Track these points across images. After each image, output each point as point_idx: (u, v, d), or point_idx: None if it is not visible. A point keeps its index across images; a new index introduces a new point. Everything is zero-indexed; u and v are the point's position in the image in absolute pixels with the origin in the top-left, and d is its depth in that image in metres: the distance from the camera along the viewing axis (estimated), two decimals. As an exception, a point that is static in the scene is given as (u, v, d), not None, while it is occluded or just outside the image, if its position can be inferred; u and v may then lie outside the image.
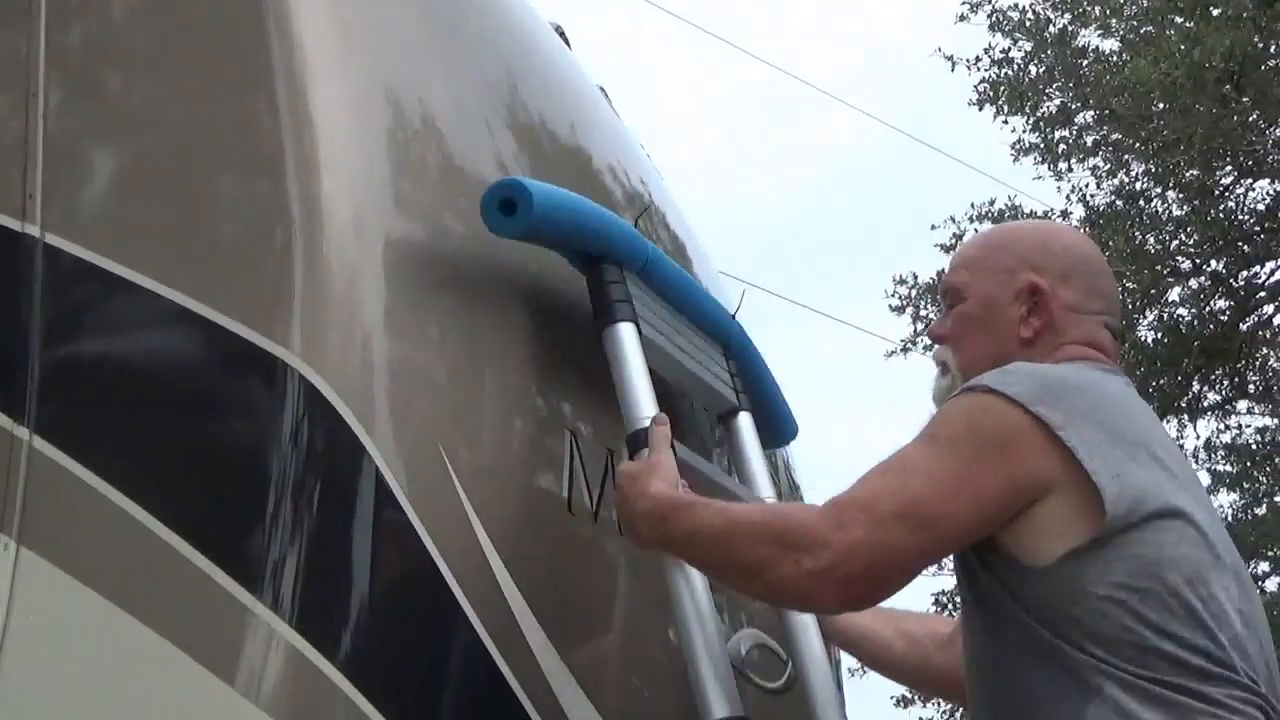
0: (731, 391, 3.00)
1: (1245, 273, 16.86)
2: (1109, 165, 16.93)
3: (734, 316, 3.12)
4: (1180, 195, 16.59)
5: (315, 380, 2.23)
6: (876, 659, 2.88)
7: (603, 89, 3.66)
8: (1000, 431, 2.17)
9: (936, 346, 2.56)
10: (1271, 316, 17.16)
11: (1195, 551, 2.20)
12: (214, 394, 2.30)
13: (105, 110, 2.49)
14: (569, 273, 2.71)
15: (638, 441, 2.51)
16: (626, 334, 2.59)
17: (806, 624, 2.78)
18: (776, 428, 3.21)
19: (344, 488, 2.25)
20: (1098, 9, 16.76)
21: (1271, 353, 17.38)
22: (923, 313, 17.29)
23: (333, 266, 2.31)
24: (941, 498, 2.15)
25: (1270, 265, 16.66)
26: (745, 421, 3.03)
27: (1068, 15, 16.92)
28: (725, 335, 3.07)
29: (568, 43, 3.61)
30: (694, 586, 2.42)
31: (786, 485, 3.67)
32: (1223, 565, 2.24)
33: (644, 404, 2.53)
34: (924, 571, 2.23)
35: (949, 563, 2.40)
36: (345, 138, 2.43)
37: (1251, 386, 17.52)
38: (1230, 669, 2.15)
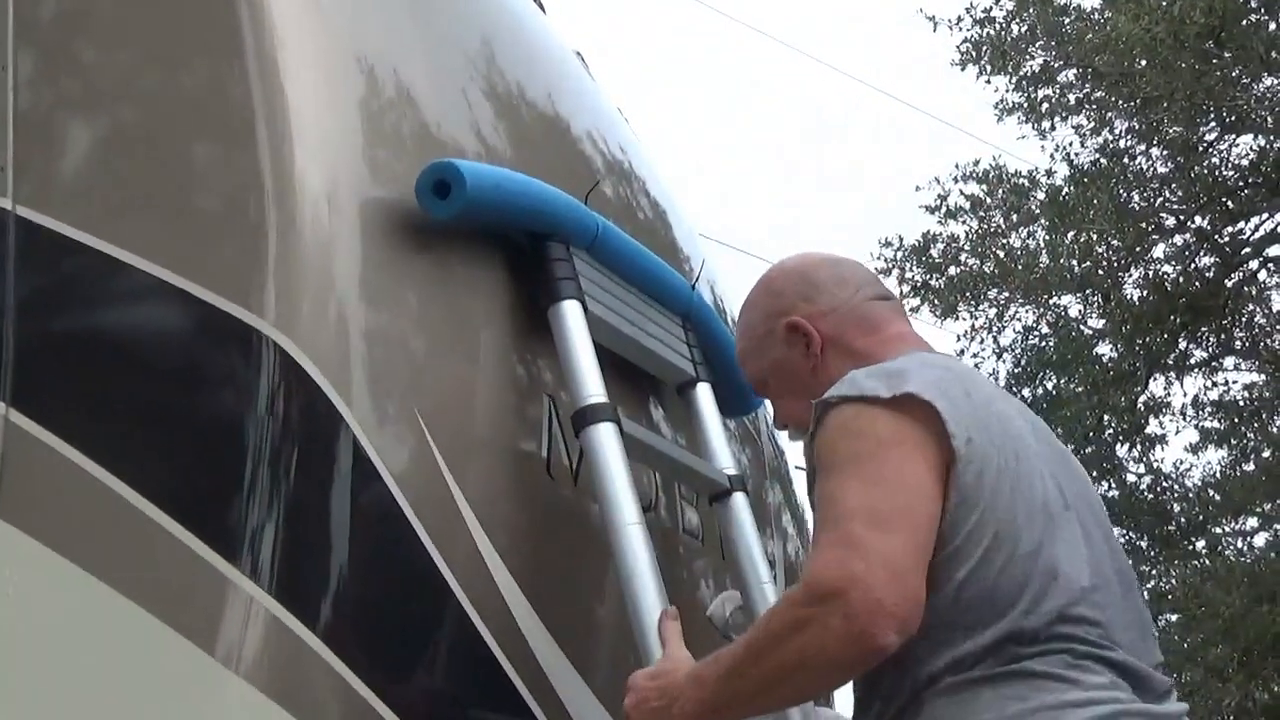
0: (689, 363, 3.00)
1: (1230, 228, 16.88)
2: (1092, 123, 16.94)
3: (693, 286, 3.11)
4: (1164, 152, 16.60)
5: (290, 349, 2.23)
6: None
7: (579, 54, 3.65)
8: (880, 421, 2.18)
9: (784, 431, 2.63)
10: (1257, 272, 17.19)
11: (1040, 513, 2.21)
12: (189, 364, 2.30)
13: (76, 82, 2.48)
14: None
15: (583, 419, 2.52)
16: (570, 312, 2.60)
17: (770, 596, 2.80)
18: (740, 396, 3.21)
19: (321, 455, 2.25)
20: (1079, -33, 16.75)
21: (1257, 308, 17.41)
22: (908, 274, 17.31)
23: (306, 236, 2.31)
24: (889, 492, 2.13)
25: (1255, 220, 16.69)
26: (703, 392, 3.03)
27: (1049, -27, 16.90)
28: (684, 306, 3.06)
29: (543, 8, 3.60)
30: (635, 547, 2.44)
31: (770, 451, 3.68)
32: (1068, 522, 2.25)
33: (589, 382, 2.54)
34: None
35: None
36: (318, 107, 2.43)
37: (1238, 343, 17.55)
38: (1068, 632, 2.16)
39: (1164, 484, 18.87)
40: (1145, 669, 2.23)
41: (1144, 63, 14.91)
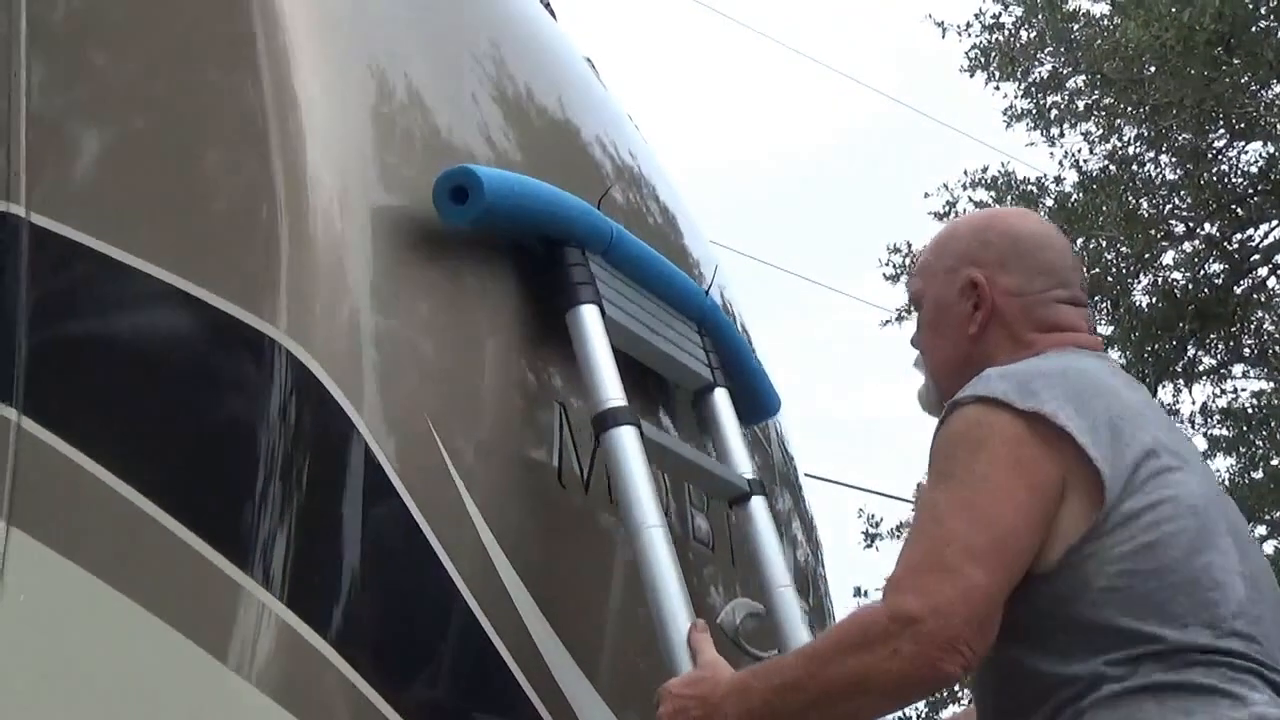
0: (706, 368, 2.99)
1: (1239, 235, 16.85)
2: (1101, 130, 16.90)
3: (707, 292, 3.10)
4: (1173, 159, 16.57)
5: (302, 356, 2.22)
6: None
7: (590, 60, 3.65)
8: (1000, 437, 2.15)
9: (916, 355, 2.58)
10: (1266, 279, 17.16)
11: (1191, 521, 2.18)
12: (201, 371, 2.29)
13: (88, 88, 2.48)
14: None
15: (604, 422, 2.51)
16: (589, 316, 2.59)
17: (789, 600, 2.79)
18: (757, 402, 3.20)
19: (333, 463, 2.25)
20: (1088, -28, 16.74)
21: (1266, 316, 17.38)
22: (917, 280, 17.25)
23: (318, 242, 2.31)
24: (989, 522, 2.10)
25: (1264, 228, 16.65)
26: (721, 397, 3.01)
27: (1058, -21, 16.89)
28: (699, 312, 3.05)
29: (553, 14, 3.60)
30: (657, 549, 2.43)
31: (780, 457, 3.68)
32: (1220, 530, 2.22)
33: (609, 385, 2.53)
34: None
35: None
36: (330, 112, 2.43)
37: (1247, 350, 17.51)
38: (1228, 647, 2.12)
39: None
40: None
41: (1153, 69, 14.89)
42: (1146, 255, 16.47)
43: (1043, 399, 2.16)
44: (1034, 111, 17.07)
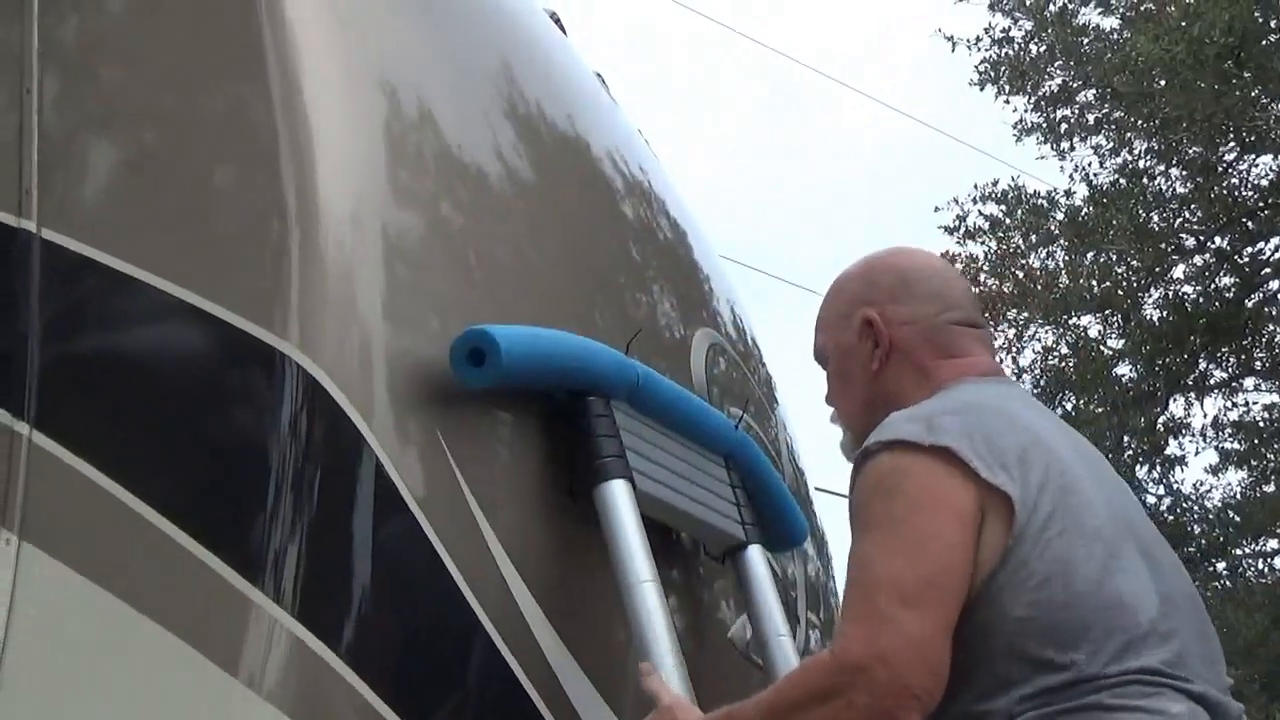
0: (738, 525, 2.93)
1: (1250, 249, 16.85)
2: (1111, 143, 16.92)
3: (736, 426, 3.05)
4: (1183, 172, 16.58)
5: (313, 371, 2.23)
6: None
7: (600, 76, 3.65)
8: (913, 478, 2.17)
9: (830, 409, 2.60)
10: (1277, 292, 17.14)
11: (1099, 546, 2.19)
12: (212, 386, 2.30)
13: (100, 104, 2.48)
14: (567, 258, 2.69)
15: (595, 476, 2.50)
16: (619, 494, 2.52)
17: (787, 649, 2.80)
18: (783, 531, 3.16)
19: (344, 477, 2.25)
20: (1098, -14, 16.75)
21: (1277, 329, 17.36)
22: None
23: (329, 257, 2.32)
24: (919, 562, 2.12)
25: (1275, 241, 16.65)
26: (755, 555, 2.95)
27: (1068, -7, 16.91)
28: (727, 445, 3.00)
29: (563, 29, 3.61)
30: (653, 612, 2.43)
31: (791, 473, 3.67)
32: (1128, 552, 2.23)
33: (639, 568, 2.47)
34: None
35: None
36: (341, 128, 2.43)
37: (1258, 363, 17.50)
38: (1141, 666, 2.13)
39: (1184, 505, 18.79)
40: (1220, 697, 2.20)
41: (1163, 83, 14.90)
42: (1157, 269, 16.48)
43: (947, 436, 2.18)
44: (1044, 125, 17.09)
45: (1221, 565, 19.13)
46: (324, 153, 2.37)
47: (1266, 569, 19.20)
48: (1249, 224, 16.46)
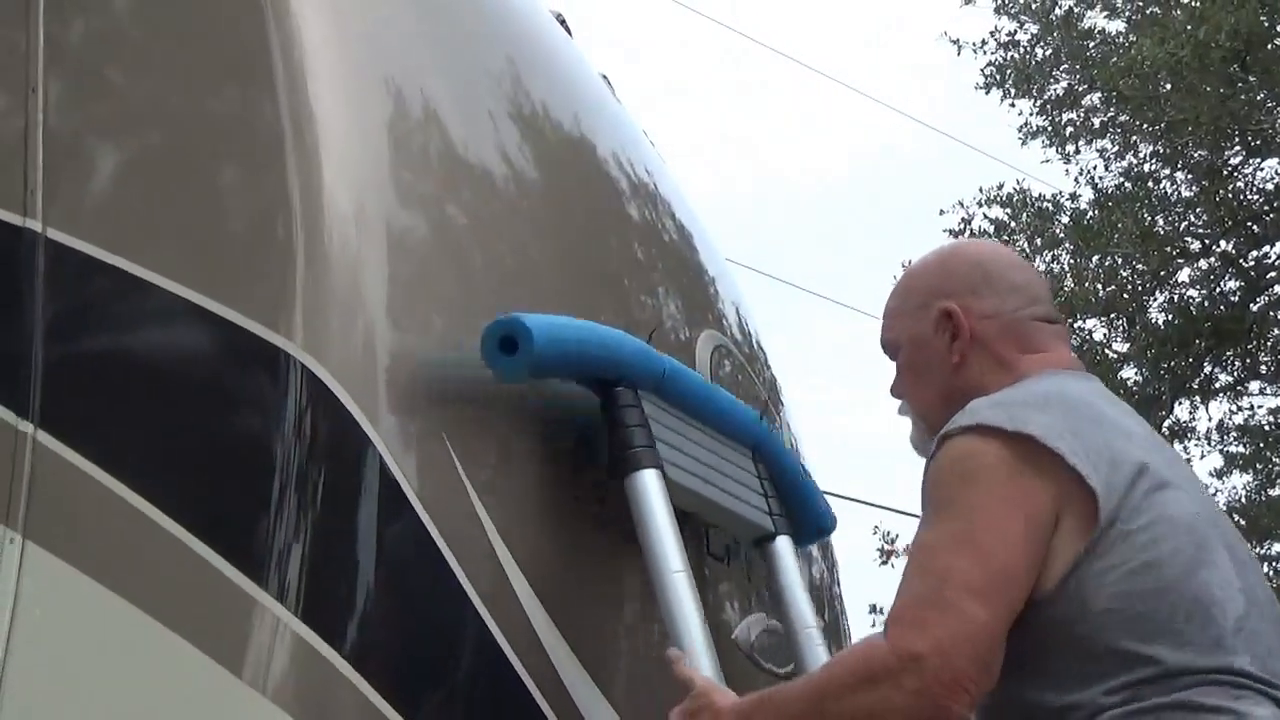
0: (766, 515, 2.92)
1: (1255, 253, 16.83)
2: (1117, 147, 16.91)
3: (761, 418, 3.05)
4: (1189, 176, 16.56)
5: (318, 371, 2.23)
6: None
7: (605, 77, 3.65)
8: (990, 467, 2.15)
9: (897, 401, 2.57)
10: (1282, 296, 17.13)
11: (1187, 539, 2.18)
12: (217, 386, 2.30)
13: (105, 104, 2.49)
14: (572, 259, 2.69)
15: (626, 465, 2.50)
16: (650, 483, 2.51)
17: (815, 641, 2.79)
18: (811, 522, 3.15)
19: (348, 477, 2.25)
20: (1103, -10, 16.74)
21: (1283, 333, 17.34)
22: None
23: (334, 257, 2.32)
24: (987, 556, 2.09)
25: (1280, 245, 16.63)
26: (783, 546, 2.94)
27: (1073, -3, 16.91)
28: (753, 437, 2.99)
29: (569, 30, 3.61)
30: (684, 600, 2.43)
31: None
32: (1216, 547, 2.21)
33: (671, 556, 2.47)
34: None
35: None
36: (346, 129, 2.43)
37: (1264, 367, 17.48)
38: (1229, 665, 2.12)
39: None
40: None
41: (1169, 86, 14.89)
42: (1162, 272, 16.46)
43: (1032, 422, 2.16)
44: (1049, 128, 17.08)
45: (1227, 568, 19.08)
46: (329, 153, 2.37)
47: (1272, 572, 19.19)
48: (1254, 228, 16.44)
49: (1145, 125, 16.07)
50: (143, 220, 2.38)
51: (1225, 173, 16.21)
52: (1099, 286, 16.44)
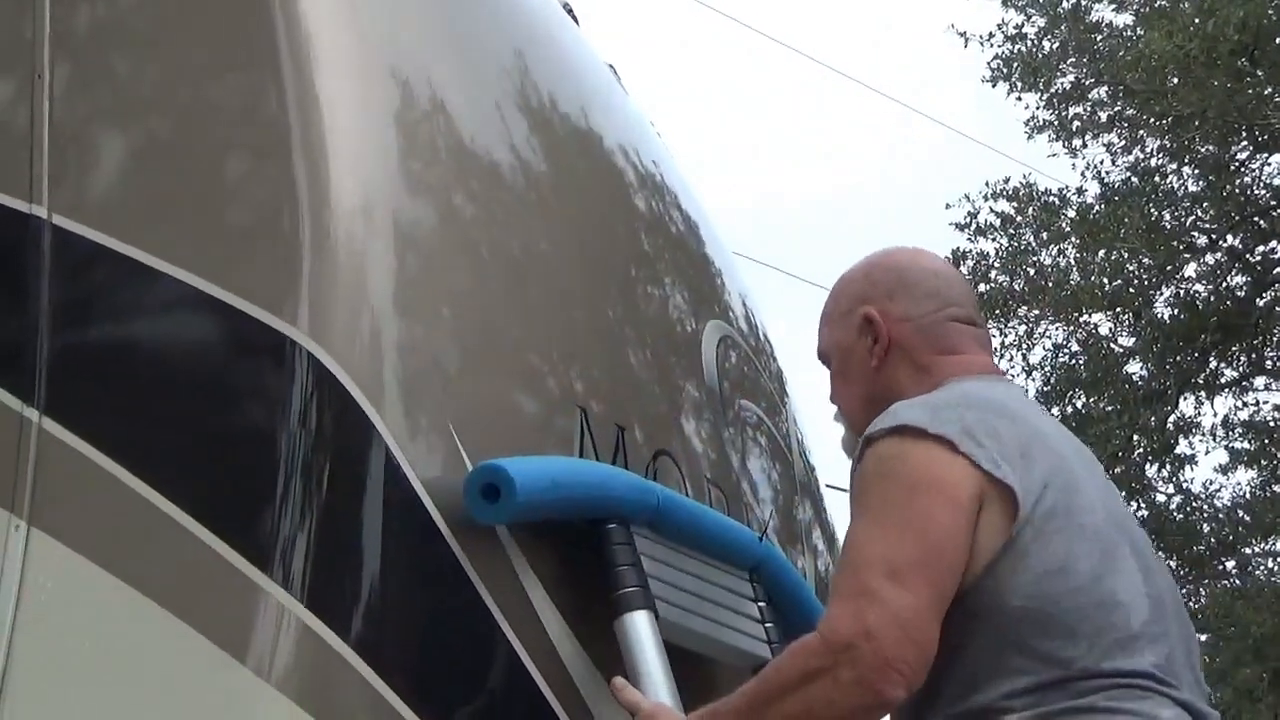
0: (764, 644, 2.85)
1: (1262, 248, 16.82)
2: (1124, 141, 16.90)
3: (760, 538, 3.00)
4: (1196, 170, 16.55)
5: (324, 359, 2.23)
6: None
7: (612, 68, 3.65)
8: (912, 462, 2.20)
9: (834, 407, 2.63)
10: (1288, 292, 17.10)
11: (1096, 544, 2.22)
12: (223, 374, 2.30)
13: (111, 92, 2.49)
14: (578, 249, 2.68)
15: (618, 606, 2.47)
16: (641, 625, 2.47)
17: None
18: None
19: (354, 466, 2.25)
20: (1111, -17, 16.71)
21: (1289, 328, 17.32)
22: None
23: (340, 246, 2.31)
24: (910, 542, 2.14)
25: (1287, 240, 16.60)
26: None
27: (1081, -10, 16.87)
28: (752, 559, 2.94)
29: (576, 21, 3.60)
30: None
31: (802, 468, 3.67)
32: (1123, 553, 2.26)
33: (662, 692, 2.42)
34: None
35: None
36: (352, 118, 2.43)
37: (1269, 362, 17.47)
38: (1133, 668, 2.16)
39: (1194, 504, 18.77)
40: (1203, 707, 2.23)
41: (1176, 80, 14.87)
42: (1168, 267, 16.45)
43: (949, 426, 2.21)
44: (1056, 123, 17.06)
45: (1231, 564, 19.11)
46: (335, 142, 2.37)
47: (1276, 568, 19.19)
48: (1261, 223, 16.43)
49: (1152, 119, 16.05)
50: (148, 207, 2.38)
51: (1232, 168, 16.20)
52: (1105, 281, 16.42)
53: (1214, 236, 16.70)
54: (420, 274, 2.45)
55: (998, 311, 17.19)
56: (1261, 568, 19.17)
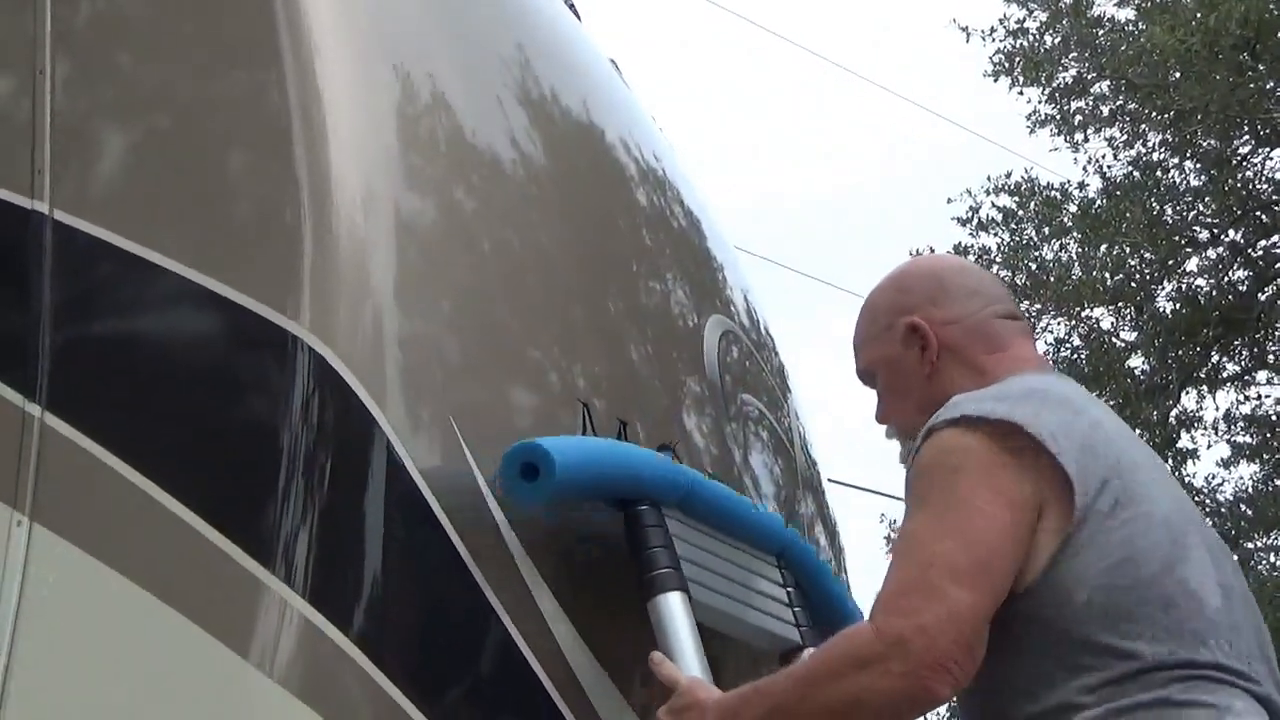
0: (793, 627, 2.87)
1: (1264, 242, 16.79)
2: (1125, 136, 16.87)
3: (786, 525, 3.02)
4: (1197, 165, 16.53)
5: (325, 354, 2.23)
6: None
7: (614, 61, 3.65)
8: (974, 457, 2.18)
9: (883, 426, 2.60)
10: (1290, 286, 17.09)
11: (1164, 535, 2.20)
12: (224, 368, 2.30)
13: (113, 87, 2.49)
14: (580, 243, 2.68)
15: (651, 587, 2.48)
16: (676, 606, 2.48)
17: None
18: (839, 627, 3.11)
19: (355, 460, 2.25)
20: (1113, -23, 16.70)
21: (1290, 323, 17.31)
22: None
23: (342, 241, 2.31)
24: (971, 543, 2.12)
25: (1289, 234, 16.59)
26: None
27: (1083, -16, 16.85)
28: (778, 544, 2.96)
29: (577, 15, 3.60)
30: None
31: (804, 463, 3.67)
32: (1193, 543, 2.23)
33: (695, 672, 2.41)
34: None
35: None
36: (354, 113, 2.43)
37: (1271, 357, 17.45)
38: (1206, 659, 2.13)
39: (1195, 499, 18.74)
40: (1276, 698, 2.19)
41: (1178, 75, 14.85)
42: (1170, 262, 16.43)
43: (1015, 413, 2.19)
44: (1058, 117, 17.04)
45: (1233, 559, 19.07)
46: (337, 137, 2.37)
47: (1278, 563, 19.17)
48: (1263, 217, 16.41)
49: (1154, 114, 16.02)
50: (150, 203, 2.38)
51: (1234, 162, 16.17)
52: (1107, 275, 16.41)
53: (1216, 231, 16.69)
54: (422, 269, 2.45)
55: (1001, 306, 17.11)
56: (1264, 562, 19.14)
